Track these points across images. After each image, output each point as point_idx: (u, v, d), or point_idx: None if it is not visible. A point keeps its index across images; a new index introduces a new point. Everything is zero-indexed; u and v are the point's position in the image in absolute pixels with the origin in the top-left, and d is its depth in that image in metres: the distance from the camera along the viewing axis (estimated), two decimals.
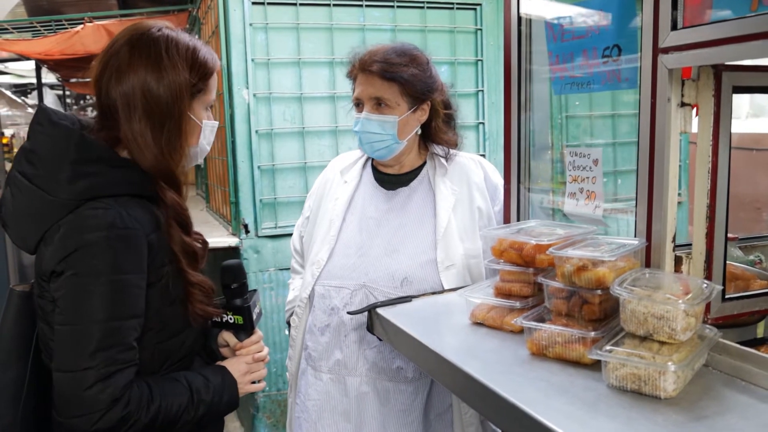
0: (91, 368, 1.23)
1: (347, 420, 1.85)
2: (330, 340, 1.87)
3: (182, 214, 1.41)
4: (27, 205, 1.32)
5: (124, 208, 1.29)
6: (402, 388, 1.81)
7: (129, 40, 1.36)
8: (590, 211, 1.51)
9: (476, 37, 3.61)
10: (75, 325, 1.25)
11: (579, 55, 1.49)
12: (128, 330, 1.28)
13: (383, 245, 1.85)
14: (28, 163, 1.33)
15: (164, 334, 1.38)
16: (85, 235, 1.25)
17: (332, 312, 1.86)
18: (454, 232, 1.83)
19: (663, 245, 1.31)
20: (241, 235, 3.31)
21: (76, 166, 1.29)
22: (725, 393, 1.11)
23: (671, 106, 1.27)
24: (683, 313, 1.11)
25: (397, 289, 1.79)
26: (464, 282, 1.79)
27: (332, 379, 1.87)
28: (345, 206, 1.93)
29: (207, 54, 1.41)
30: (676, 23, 1.23)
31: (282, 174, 3.36)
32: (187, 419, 1.35)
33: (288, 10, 3.29)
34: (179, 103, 1.35)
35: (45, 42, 5.18)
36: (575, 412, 1.06)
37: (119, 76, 1.33)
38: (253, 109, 3.25)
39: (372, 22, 3.42)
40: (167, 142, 1.35)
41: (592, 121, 3.62)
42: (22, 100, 9.03)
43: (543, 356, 1.28)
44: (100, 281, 1.25)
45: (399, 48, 1.86)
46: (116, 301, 1.26)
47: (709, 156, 1.26)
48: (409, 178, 1.94)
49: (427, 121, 1.89)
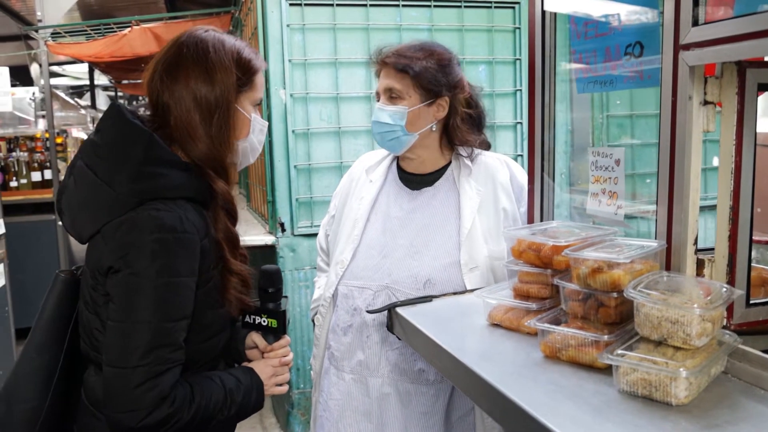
0: (141, 366, 1.25)
1: (369, 420, 1.85)
2: (352, 341, 1.88)
3: (230, 203, 1.46)
4: (89, 197, 1.36)
5: (183, 211, 1.32)
6: (423, 390, 1.81)
7: (177, 41, 1.43)
8: (612, 211, 1.48)
9: (514, 36, 3.57)
10: (128, 323, 1.27)
11: (601, 53, 1.46)
12: (178, 331, 1.31)
13: (406, 246, 1.84)
14: (96, 156, 1.37)
15: (204, 335, 1.41)
16: (145, 235, 1.27)
17: (355, 312, 1.86)
18: (479, 234, 1.81)
19: (684, 248, 1.27)
20: (277, 234, 3.36)
21: (142, 166, 1.32)
22: (742, 402, 1.07)
23: (693, 104, 1.23)
24: (698, 317, 1.07)
25: (419, 290, 1.78)
26: (488, 284, 1.75)
27: (354, 379, 1.88)
28: (369, 206, 1.93)
29: (251, 53, 1.47)
30: (698, 19, 1.19)
31: (318, 173, 3.38)
32: (220, 418, 1.38)
33: (325, 10, 3.31)
34: (227, 95, 1.40)
35: (95, 45, 5.35)
36: (582, 416, 1.03)
37: (170, 74, 1.39)
38: (290, 109, 3.29)
39: (409, 22, 3.42)
40: (217, 132, 1.40)
41: (633, 121, 3.54)
42: (75, 102, 9.36)
43: (556, 359, 1.26)
44: (156, 282, 1.27)
45: (419, 44, 1.86)
46: (170, 302, 1.29)
47: (732, 156, 1.22)
48: (433, 178, 1.91)
49: (448, 120, 1.87)
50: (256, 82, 1.47)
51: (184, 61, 1.39)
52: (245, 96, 1.45)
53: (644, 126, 3.54)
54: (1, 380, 3.80)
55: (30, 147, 5.70)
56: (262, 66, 1.48)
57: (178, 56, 1.40)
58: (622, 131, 3.48)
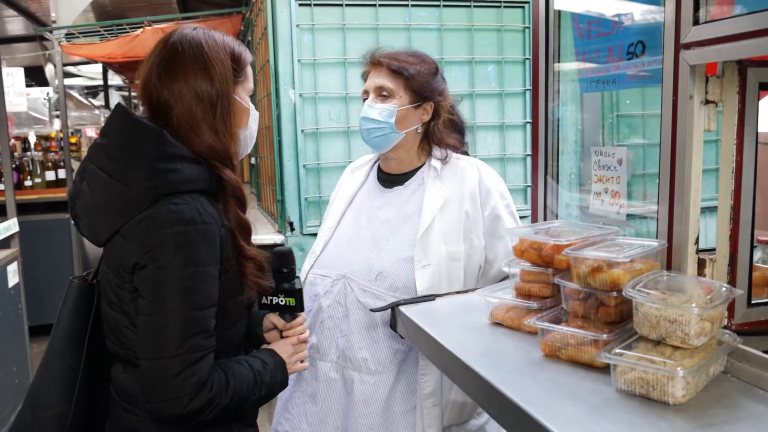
0: (177, 356, 1.29)
1: (314, 402, 1.93)
2: (310, 325, 1.94)
3: (239, 191, 1.48)
4: (105, 199, 1.38)
5: (199, 203, 1.35)
6: (365, 379, 1.86)
7: (168, 41, 1.45)
8: (614, 211, 1.47)
9: (524, 36, 3.56)
10: (159, 316, 1.31)
11: (604, 53, 1.46)
12: (208, 318, 1.34)
13: (369, 239, 1.91)
14: (107, 158, 1.39)
15: (229, 323, 1.45)
16: (167, 229, 1.30)
17: (315, 298, 1.94)
18: (436, 233, 1.85)
19: (684, 247, 1.27)
20: (286, 233, 3.37)
21: (155, 163, 1.35)
22: (740, 401, 1.07)
23: (694, 103, 1.23)
24: (697, 317, 1.07)
25: (371, 282, 1.84)
26: (439, 283, 1.79)
27: (307, 362, 1.94)
28: (347, 202, 2.03)
29: (240, 46, 1.51)
30: (698, 18, 1.19)
31: (327, 173, 3.40)
32: (253, 399, 1.42)
33: (334, 10, 3.33)
34: (225, 87, 1.44)
35: (108, 45, 5.40)
36: (578, 415, 1.04)
37: (167, 73, 1.41)
38: (299, 108, 3.31)
39: (418, 22, 3.42)
40: (221, 123, 1.43)
41: (645, 120, 3.52)
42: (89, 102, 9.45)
43: (556, 358, 1.26)
44: (182, 274, 1.30)
45: (410, 50, 1.96)
46: (198, 291, 1.32)
47: (734, 155, 1.21)
48: (405, 177, 1.98)
49: (430, 124, 1.94)
50: (248, 73, 1.52)
51: (181, 59, 1.41)
52: (241, 87, 1.50)
53: (655, 125, 3.50)
54: (15, 376, 3.85)
55: (44, 146, 5.75)
56: (251, 57, 1.54)
57: (173, 55, 1.42)
58: (632, 131, 3.46)
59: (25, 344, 3.90)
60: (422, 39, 3.43)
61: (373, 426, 1.85)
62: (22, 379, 3.78)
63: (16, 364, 3.71)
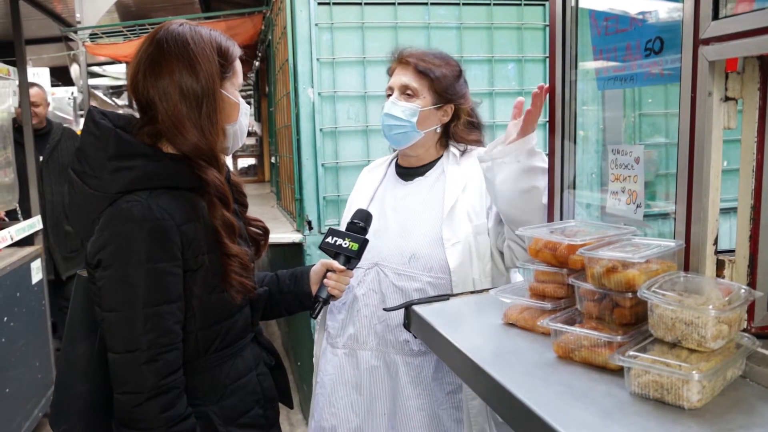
0: (136, 351, 1.34)
1: (359, 393, 1.95)
2: (345, 317, 1.98)
3: (222, 191, 1.50)
4: (78, 200, 1.45)
5: (156, 200, 1.37)
6: (409, 361, 1.89)
7: (154, 38, 1.46)
8: (631, 210, 1.45)
9: (544, 34, 3.52)
10: (118, 312, 1.36)
11: (622, 49, 1.43)
12: (166, 315, 1.37)
13: (397, 228, 1.97)
14: (78, 161, 1.45)
15: (206, 321, 1.47)
16: (118, 227, 1.35)
17: (348, 290, 1.96)
18: (462, 211, 1.91)
19: (703, 248, 1.23)
20: (304, 232, 3.38)
21: (113, 162, 1.39)
22: (758, 407, 1.04)
23: (713, 100, 1.19)
24: (714, 319, 1.04)
25: (405, 265, 1.90)
26: (470, 259, 1.87)
27: (346, 353, 1.98)
28: (369, 198, 2.08)
29: (227, 41, 1.52)
30: (718, 13, 1.16)
31: (346, 172, 3.39)
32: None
33: (353, 9, 3.32)
34: (211, 83, 1.44)
35: (130, 45, 5.46)
36: (589, 418, 1.01)
37: (153, 70, 1.43)
38: (318, 107, 3.30)
39: (437, 20, 3.40)
40: (207, 120, 1.45)
41: (667, 119, 3.46)
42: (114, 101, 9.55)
43: (569, 360, 1.24)
44: (135, 271, 1.34)
45: (437, 51, 2.00)
46: (152, 288, 1.35)
47: (754, 153, 1.18)
48: (425, 168, 2.04)
49: (449, 124, 2.00)
50: (236, 67, 1.52)
51: (166, 56, 1.42)
52: (229, 82, 1.50)
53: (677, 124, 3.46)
54: (38, 371, 3.91)
55: None
56: (239, 52, 1.54)
57: (158, 52, 1.43)
58: (654, 130, 3.41)
59: (48, 340, 3.96)
60: (442, 38, 3.41)
61: (422, 407, 1.87)
62: (45, 374, 3.84)
63: (39, 359, 3.76)
